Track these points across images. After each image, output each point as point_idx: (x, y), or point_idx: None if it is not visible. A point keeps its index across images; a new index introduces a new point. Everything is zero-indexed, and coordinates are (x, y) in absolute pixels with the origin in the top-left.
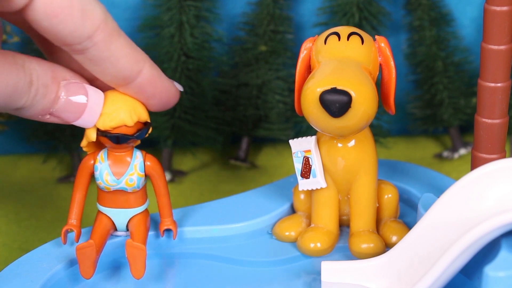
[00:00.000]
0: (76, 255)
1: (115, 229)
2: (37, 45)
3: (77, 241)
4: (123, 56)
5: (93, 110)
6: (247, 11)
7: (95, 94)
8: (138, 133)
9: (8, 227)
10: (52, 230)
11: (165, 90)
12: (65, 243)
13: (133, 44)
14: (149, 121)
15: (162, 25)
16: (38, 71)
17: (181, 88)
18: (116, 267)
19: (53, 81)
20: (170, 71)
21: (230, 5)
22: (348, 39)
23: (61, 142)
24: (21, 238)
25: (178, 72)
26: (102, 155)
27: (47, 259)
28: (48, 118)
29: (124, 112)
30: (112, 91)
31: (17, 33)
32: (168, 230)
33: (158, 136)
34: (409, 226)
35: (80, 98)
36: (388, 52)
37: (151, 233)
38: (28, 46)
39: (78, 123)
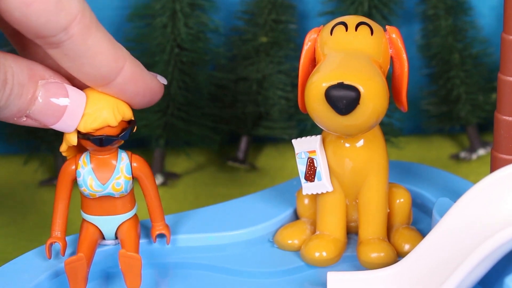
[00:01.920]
0: (65, 270)
1: (103, 238)
2: (9, 39)
3: (63, 254)
4: (102, 52)
5: (74, 112)
6: None
7: (76, 95)
8: (122, 134)
9: None
10: (34, 237)
11: (148, 88)
12: (50, 257)
13: (113, 40)
14: (133, 119)
15: (154, 14)
16: (14, 69)
17: (164, 82)
18: (105, 277)
19: (30, 80)
20: (162, 64)
21: None
22: (356, 30)
23: (43, 142)
24: (0, 246)
25: (171, 65)
26: (84, 159)
27: (29, 270)
28: (25, 121)
29: (107, 111)
30: (92, 89)
31: None
32: (161, 235)
33: (150, 135)
34: (422, 233)
35: (59, 100)
36: (400, 43)
37: (142, 241)
38: None
39: (58, 126)
